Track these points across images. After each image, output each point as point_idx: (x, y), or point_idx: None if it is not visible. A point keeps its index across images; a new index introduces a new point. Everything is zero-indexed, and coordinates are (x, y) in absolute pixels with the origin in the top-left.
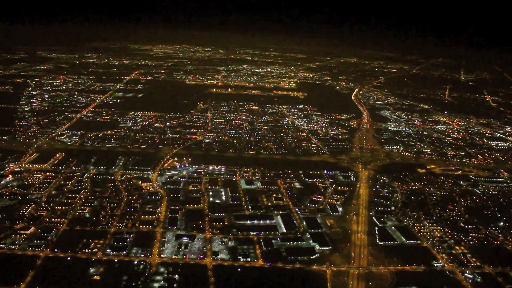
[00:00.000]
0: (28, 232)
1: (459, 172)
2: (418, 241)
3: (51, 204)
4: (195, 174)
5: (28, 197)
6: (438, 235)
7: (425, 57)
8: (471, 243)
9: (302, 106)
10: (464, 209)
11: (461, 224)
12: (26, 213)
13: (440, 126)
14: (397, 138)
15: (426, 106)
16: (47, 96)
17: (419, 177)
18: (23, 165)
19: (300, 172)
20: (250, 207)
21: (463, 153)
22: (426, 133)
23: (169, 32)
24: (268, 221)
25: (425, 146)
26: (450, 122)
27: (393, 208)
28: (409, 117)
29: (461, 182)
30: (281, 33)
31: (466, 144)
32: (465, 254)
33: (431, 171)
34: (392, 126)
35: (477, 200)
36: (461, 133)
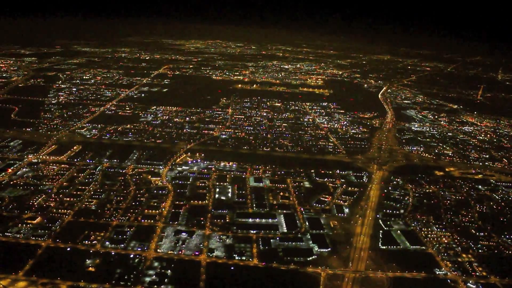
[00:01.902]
0: (34, 222)
1: (480, 176)
2: (423, 247)
3: (61, 196)
4: (205, 170)
5: (40, 187)
6: (446, 241)
7: (462, 55)
8: (480, 251)
9: (325, 103)
10: (478, 215)
11: (472, 230)
12: (36, 203)
13: (467, 127)
14: (419, 138)
15: (455, 106)
16: (74, 89)
17: (435, 180)
18: (40, 156)
19: (312, 171)
20: (254, 205)
21: (487, 156)
22: (450, 134)
23: (204, 27)
24: (270, 220)
25: (447, 148)
26: (478, 123)
27: (402, 211)
28: (435, 117)
29: (480, 187)
30: (316, 29)
31: (492, 146)
32: (472, 262)
33: (449, 174)
34: (416, 126)
35: (494, 206)
36: (488, 135)
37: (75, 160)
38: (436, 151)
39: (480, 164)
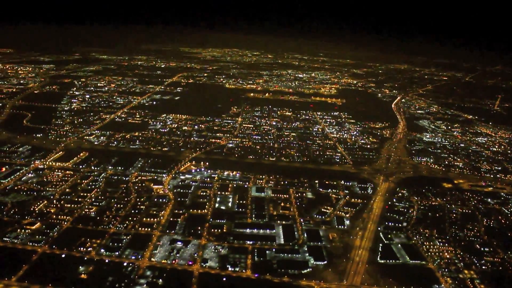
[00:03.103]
0: (33, 227)
1: (490, 188)
2: (424, 262)
3: (62, 202)
4: (208, 179)
5: (43, 193)
6: (448, 256)
7: (482, 64)
8: (484, 267)
9: (337, 113)
10: (485, 229)
11: (477, 246)
12: (36, 209)
13: (480, 138)
14: (429, 149)
15: (470, 117)
16: (88, 96)
17: (442, 192)
18: (47, 162)
19: (316, 181)
20: (253, 216)
21: (500, 168)
22: (463, 145)
23: (223, 36)
24: (268, 230)
25: (458, 159)
26: (493, 134)
27: (405, 224)
28: (449, 127)
29: (489, 200)
30: (334, 39)
31: (505, 158)
32: (473, 279)
33: (458, 186)
34: (428, 136)
35: (502, 221)
36: (502, 147)
37: (80, 166)
38: (446, 162)
39: (491, 176)
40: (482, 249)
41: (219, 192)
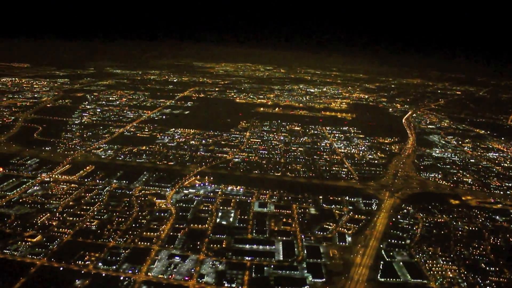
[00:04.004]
0: (34, 240)
1: (498, 205)
2: (425, 281)
3: (64, 215)
4: (211, 194)
5: (46, 206)
6: (451, 275)
7: (496, 79)
8: None
9: (346, 128)
10: (491, 248)
11: (482, 265)
12: (39, 221)
13: (491, 153)
14: (438, 165)
15: (482, 132)
16: (99, 110)
17: (449, 209)
18: (53, 175)
19: (320, 197)
20: (254, 231)
21: (510, 185)
22: (473, 160)
23: (237, 51)
24: (268, 246)
25: (468, 175)
26: (505, 150)
27: (408, 241)
28: (459, 142)
29: (497, 217)
30: (348, 53)
31: None
32: None
33: (465, 203)
34: (437, 152)
35: (510, 239)
36: None
37: (86, 180)
38: (455, 178)
39: (501, 193)
40: (487, 268)
41: (221, 207)
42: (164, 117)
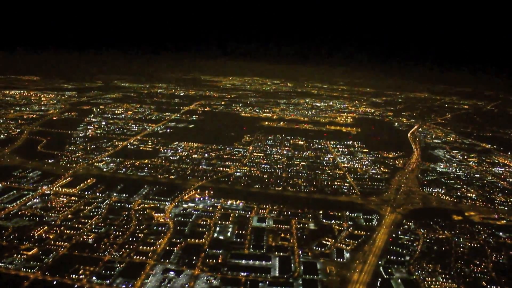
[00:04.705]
0: (30, 253)
1: (502, 221)
2: None
3: (62, 228)
4: (211, 208)
5: (45, 219)
6: None
7: (505, 93)
8: None
9: (350, 142)
10: (493, 265)
11: (483, 283)
12: (36, 234)
13: (497, 168)
14: (442, 180)
15: (488, 146)
16: (104, 123)
17: (451, 224)
18: (54, 188)
19: (320, 212)
20: (251, 246)
21: None
22: (478, 175)
23: (245, 65)
24: (264, 262)
25: (472, 190)
26: (511, 164)
27: (407, 258)
28: (465, 157)
29: (501, 234)
30: (356, 67)
31: None
32: None
33: (468, 218)
34: (442, 166)
35: None
36: None
37: (86, 193)
38: (459, 193)
39: (506, 208)
40: (488, 286)
41: (219, 222)
42: (168, 130)
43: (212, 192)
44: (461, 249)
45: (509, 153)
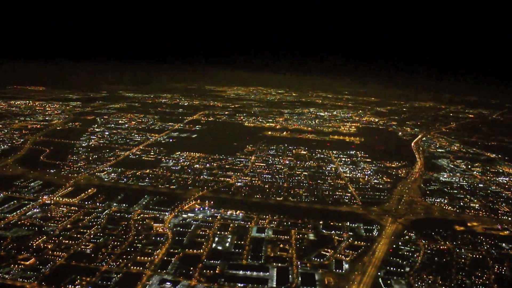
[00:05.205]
0: (27, 263)
1: (506, 232)
2: None
3: (60, 238)
4: (210, 218)
5: (44, 229)
6: None
7: (511, 101)
8: None
9: (353, 152)
10: (495, 277)
11: None
12: (34, 244)
13: (502, 178)
14: (445, 190)
15: (493, 155)
16: (107, 133)
17: (453, 235)
18: (54, 198)
19: (320, 222)
20: (249, 257)
21: None
22: (482, 185)
23: (250, 75)
24: (261, 273)
25: (475, 200)
26: None
27: (407, 269)
28: (469, 166)
29: (503, 245)
30: (361, 76)
31: None
32: None
33: (471, 229)
34: (445, 176)
35: None
36: None
37: (86, 203)
38: (462, 203)
39: (509, 219)
40: None
41: (218, 232)
42: (171, 140)
43: (212, 202)
44: (463, 260)
45: None
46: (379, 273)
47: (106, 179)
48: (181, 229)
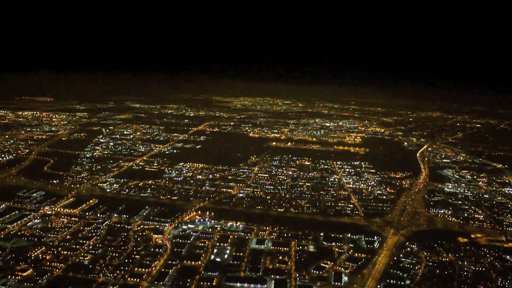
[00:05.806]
0: (24, 274)
1: (510, 244)
2: None
3: (59, 249)
4: (210, 230)
5: (43, 239)
6: None
7: None
8: None
9: (357, 162)
10: None
11: None
12: (33, 255)
13: (508, 188)
14: (449, 201)
15: (499, 166)
16: (112, 144)
17: (456, 247)
18: (56, 208)
19: (321, 234)
20: (248, 269)
21: None
22: (487, 196)
23: (256, 85)
24: (259, 285)
25: (480, 211)
26: None
27: (408, 282)
28: (474, 177)
29: (508, 257)
30: (368, 86)
31: None
32: None
33: (474, 241)
34: (450, 187)
35: None
36: None
37: (87, 213)
38: (466, 214)
39: None
40: None
41: (217, 243)
42: (175, 151)
43: (212, 213)
44: (465, 273)
45: None
46: (378, 286)
47: (108, 190)
48: (180, 241)
